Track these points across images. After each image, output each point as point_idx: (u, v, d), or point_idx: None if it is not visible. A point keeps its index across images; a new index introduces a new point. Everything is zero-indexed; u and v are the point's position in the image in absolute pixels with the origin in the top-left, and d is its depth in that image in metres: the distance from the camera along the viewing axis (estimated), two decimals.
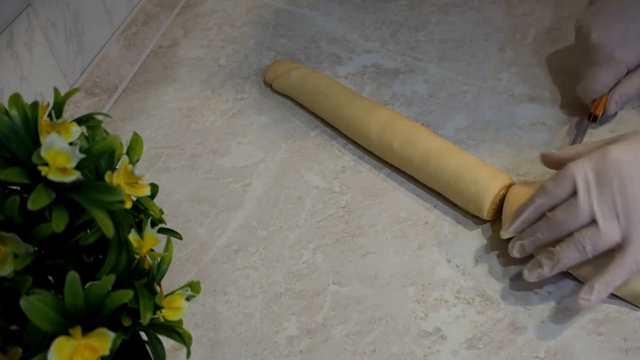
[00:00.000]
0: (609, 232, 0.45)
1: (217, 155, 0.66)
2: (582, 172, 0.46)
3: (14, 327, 0.32)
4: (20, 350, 0.30)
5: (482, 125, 0.66)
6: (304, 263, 0.55)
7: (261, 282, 0.54)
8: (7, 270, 0.29)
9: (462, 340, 0.48)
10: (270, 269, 0.55)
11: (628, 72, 0.60)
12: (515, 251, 0.51)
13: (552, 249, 0.47)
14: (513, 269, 0.53)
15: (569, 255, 0.47)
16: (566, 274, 0.52)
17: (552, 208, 0.48)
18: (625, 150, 0.46)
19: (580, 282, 0.51)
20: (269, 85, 0.74)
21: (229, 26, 0.84)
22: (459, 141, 0.64)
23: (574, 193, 0.46)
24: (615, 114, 0.64)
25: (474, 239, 0.56)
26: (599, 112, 0.61)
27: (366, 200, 0.60)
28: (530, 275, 0.49)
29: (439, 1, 0.84)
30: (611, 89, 0.61)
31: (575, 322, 0.49)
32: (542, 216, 0.49)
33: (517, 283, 0.52)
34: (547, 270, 0.48)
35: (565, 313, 0.49)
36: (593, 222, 0.46)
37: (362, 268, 0.54)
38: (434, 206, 0.59)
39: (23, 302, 0.27)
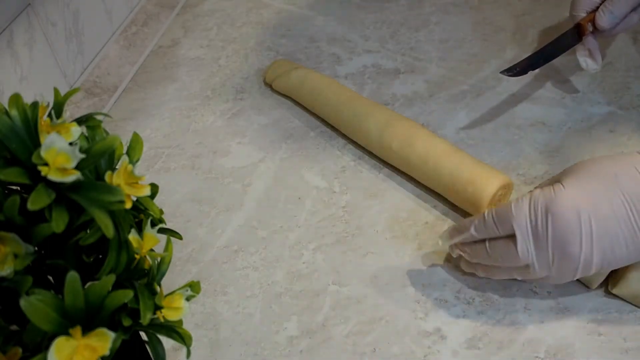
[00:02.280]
0: (539, 275, 0.46)
1: (217, 155, 0.66)
2: (523, 222, 0.45)
3: (14, 327, 0.32)
4: (20, 350, 0.30)
5: (482, 125, 0.66)
6: (304, 263, 0.55)
7: (261, 282, 0.54)
8: (7, 270, 0.29)
9: (462, 340, 0.48)
10: (270, 269, 0.55)
11: None
12: (455, 254, 0.52)
13: (488, 265, 0.49)
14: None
15: (501, 276, 0.49)
16: None
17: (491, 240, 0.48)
18: (568, 204, 0.43)
19: (581, 283, 0.51)
20: (269, 85, 0.74)
21: (229, 26, 0.84)
22: (459, 141, 0.64)
23: (513, 235, 0.45)
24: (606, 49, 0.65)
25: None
26: (585, 22, 0.60)
27: (366, 200, 0.60)
28: (465, 268, 0.52)
29: (439, 1, 0.84)
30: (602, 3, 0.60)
31: (575, 322, 0.49)
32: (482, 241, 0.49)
33: (517, 283, 0.52)
34: (480, 274, 0.51)
35: (565, 313, 0.49)
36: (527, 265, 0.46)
37: (362, 268, 0.54)
38: (434, 206, 0.59)
39: (23, 302, 0.27)
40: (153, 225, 0.35)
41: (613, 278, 0.50)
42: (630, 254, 0.43)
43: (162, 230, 0.37)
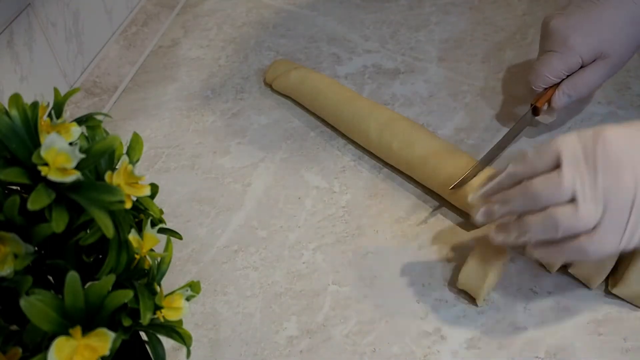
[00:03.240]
0: (585, 216, 0.41)
1: (217, 155, 0.66)
2: (570, 147, 0.42)
3: (14, 327, 0.32)
4: (20, 350, 0.30)
5: (482, 125, 0.66)
6: (304, 263, 0.55)
7: (261, 282, 0.54)
8: (7, 270, 0.29)
9: (462, 340, 0.48)
10: (270, 269, 0.55)
11: (581, 67, 0.58)
12: (479, 215, 0.47)
13: (524, 218, 0.44)
14: (513, 269, 0.53)
15: (539, 230, 0.43)
16: (566, 274, 0.52)
17: (529, 178, 0.44)
18: (620, 134, 0.42)
19: (581, 283, 0.51)
20: (269, 85, 0.74)
21: (229, 26, 0.84)
22: (459, 141, 0.64)
23: (557, 167, 0.42)
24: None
25: (474, 238, 0.56)
26: (541, 105, 0.59)
27: (366, 200, 0.60)
28: (496, 236, 0.46)
29: (439, 1, 0.84)
30: (559, 84, 0.59)
31: (575, 322, 0.49)
32: (517, 184, 0.45)
33: (518, 283, 0.52)
34: (512, 238, 0.45)
35: (565, 313, 0.49)
36: (571, 201, 0.41)
37: (362, 268, 0.54)
38: (434, 206, 0.59)
39: (23, 302, 0.27)
40: (153, 225, 0.35)
41: (613, 278, 0.50)
42: None
43: (162, 230, 0.37)
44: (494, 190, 0.47)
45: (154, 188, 0.38)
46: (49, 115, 0.34)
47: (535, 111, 0.60)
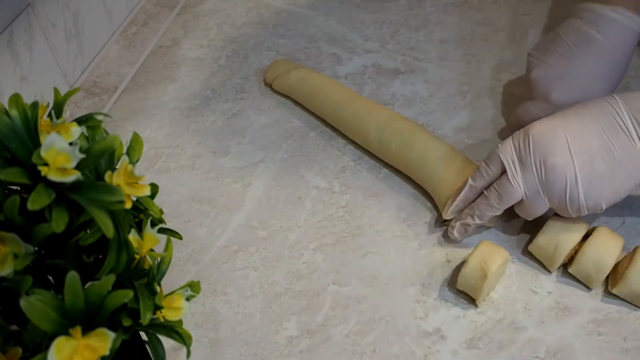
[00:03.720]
0: (534, 205, 0.50)
1: (217, 155, 0.66)
2: (508, 150, 0.50)
3: (14, 327, 0.32)
4: (20, 350, 0.30)
5: (482, 125, 0.66)
6: (304, 263, 0.55)
7: (261, 282, 0.54)
8: (7, 270, 0.29)
9: (462, 340, 0.48)
10: (270, 269, 0.55)
11: None
12: (455, 231, 0.54)
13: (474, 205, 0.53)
14: (513, 269, 0.53)
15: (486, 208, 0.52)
16: (566, 274, 0.52)
17: (487, 188, 0.53)
18: (544, 126, 0.50)
19: (581, 283, 0.51)
20: (269, 85, 0.74)
21: (229, 26, 0.84)
22: (459, 141, 0.64)
23: (504, 171, 0.50)
24: None
25: (473, 238, 0.56)
26: None
27: (366, 200, 0.60)
28: (457, 235, 0.54)
29: (439, 1, 0.84)
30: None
31: (575, 322, 0.49)
32: (478, 195, 0.53)
33: (517, 283, 0.52)
34: (470, 228, 0.53)
35: (565, 313, 0.50)
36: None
37: (362, 268, 0.54)
38: (434, 206, 0.59)
39: (23, 302, 0.27)
40: (153, 225, 0.35)
41: (613, 278, 0.50)
42: (613, 172, 0.47)
43: (162, 230, 0.37)
44: (463, 205, 0.54)
45: (154, 188, 0.38)
46: (49, 115, 0.34)
47: None
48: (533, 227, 0.56)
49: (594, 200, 0.48)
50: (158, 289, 0.34)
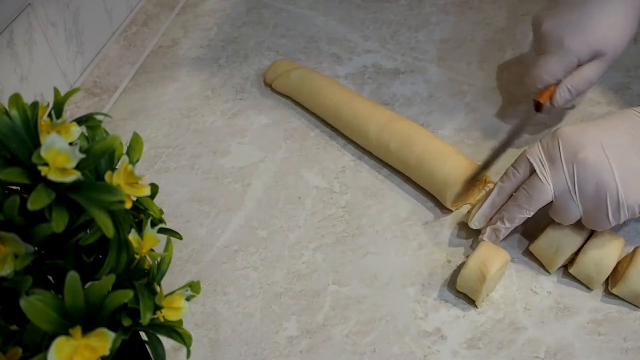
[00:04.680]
0: (565, 206, 0.48)
1: (217, 155, 0.66)
2: (535, 151, 0.50)
3: (14, 327, 0.32)
4: (20, 350, 0.30)
5: (482, 125, 0.66)
6: (304, 263, 0.55)
7: (261, 282, 0.54)
8: (7, 270, 0.29)
9: (462, 340, 0.48)
10: (270, 269, 0.55)
11: (579, 65, 0.58)
12: (486, 237, 0.53)
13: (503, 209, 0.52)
14: (513, 269, 0.53)
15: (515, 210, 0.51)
16: (566, 274, 0.52)
17: (515, 190, 0.52)
18: (572, 126, 0.49)
19: (581, 283, 0.51)
20: (269, 85, 0.74)
21: (229, 26, 0.84)
22: (459, 141, 0.64)
23: (532, 172, 0.50)
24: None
25: (473, 239, 0.56)
26: (544, 100, 0.59)
27: (366, 200, 0.60)
28: (490, 238, 0.53)
29: (439, 1, 0.84)
30: (560, 81, 0.59)
31: (575, 322, 0.49)
32: (507, 199, 0.52)
33: (517, 283, 0.52)
34: (502, 232, 0.52)
35: (565, 313, 0.50)
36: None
37: (362, 268, 0.54)
38: (434, 206, 0.59)
39: (23, 302, 0.27)
40: (153, 225, 0.35)
41: (613, 278, 0.50)
42: None
43: (162, 230, 0.37)
44: (490, 211, 0.53)
45: (154, 188, 0.38)
46: (49, 115, 0.34)
47: (538, 107, 0.59)
48: (535, 227, 0.56)
49: (633, 197, 0.46)
50: (158, 289, 0.34)
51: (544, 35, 0.58)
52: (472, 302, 0.51)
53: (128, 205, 0.31)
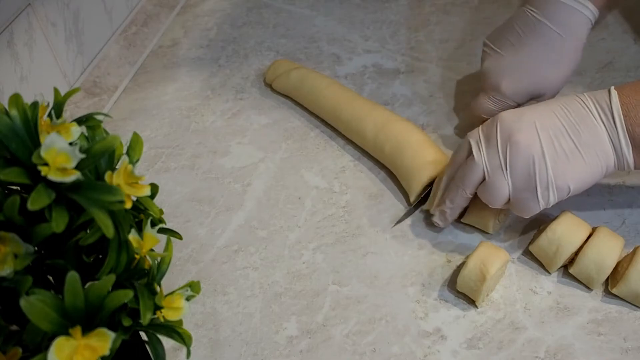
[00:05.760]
0: (495, 184, 0.49)
1: (217, 155, 0.66)
2: (474, 135, 0.51)
3: (14, 327, 0.32)
4: (20, 350, 0.30)
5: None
6: (304, 263, 0.55)
7: (261, 282, 0.54)
8: (7, 270, 0.29)
9: (462, 340, 0.48)
10: (270, 269, 0.55)
11: (519, 105, 0.59)
12: (437, 219, 0.55)
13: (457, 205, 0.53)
14: (513, 269, 0.53)
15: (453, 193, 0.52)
16: (566, 274, 0.52)
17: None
18: (512, 111, 0.50)
19: (581, 283, 0.51)
20: (269, 85, 0.74)
21: (229, 26, 0.84)
22: (459, 141, 0.64)
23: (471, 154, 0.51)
24: None
25: (474, 239, 0.56)
26: None
27: (366, 200, 0.60)
28: (439, 222, 0.55)
29: (439, 1, 0.84)
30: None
31: (575, 322, 0.49)
32: None
33: (517, 283, 0.52)
34: (448, 215, 0.54)
35: (565, 313, 0.50)
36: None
37: (362, 268, 0.54)
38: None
39: (23, 302, 0.27)
40: (153, 225, 0.35)
41: (613, 278, 0.50)
42: (580, 151, 0.47)
43: (162, 230, 0.37)
44: (441, 195, 0.54)
45: (154, 188, 0.38)
46: (49, 115, 0.34)
47: None
48: (535, 227, 0.56)
49: (562, 178, 0.47)
50: (158, 289, 0.34)
51: (484, 73, 0.61)
52: (472, 302, 0.51)
53: (128, 205, 0.31)
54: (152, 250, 0.35)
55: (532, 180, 0.47)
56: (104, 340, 0.28)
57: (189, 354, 0.35)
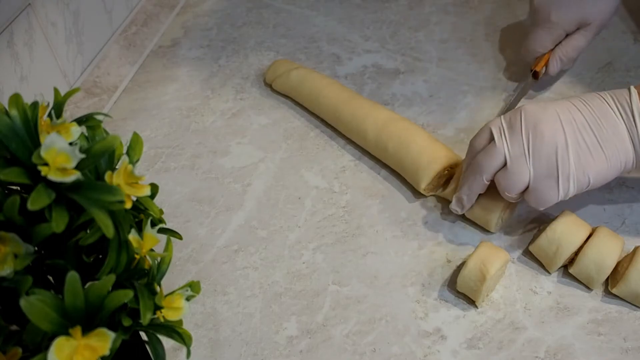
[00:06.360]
0: (517, 170, 0.49)
1: (217, 155, 0.66)
2: (497, 123, 0.51)
3: (14, 327, 0.32)
4: (20, 350, 0.30)
5: (482, 125, 0.66)
6: (304, 263, 0.55)
7: (261, 282, 0.54)
8: (7, 270, 0.29)
9: (462, 340, 0.48)
10: (270, 269, 0.55)
11: (568, 35, 0.65)
12: (454, 205, 0.55)
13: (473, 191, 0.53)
14: (513, 269, 0.53)
15: (470, 180, 0.53)
16: (566, 274, 0.52)
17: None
18: (536, 104, 0.51)
19: (581, 283, 0.51)
20: (269, 85, 0.74)
21: (229, 26, 0.84)
22: (459, 141, 0.64)
23: (492, 141, 0.51)
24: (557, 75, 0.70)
25: (474, 239, 0.56)
26: (540, 69, 0.66)
27: (366, 200, 0.60)
28: (456, 208, 0.55)
29: (439, 1, 0.84)
30: (553, 49, 0.66)
31: (575, 322, 0.49)
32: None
33: (517, 283, 0.52)
34: (465, 201, 0.54)
35: (565, 313, 0.50)
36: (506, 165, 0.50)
37: (362, 268, 0.54)
38: (434, 206, 0.59)
39: (23, 302, 0.27)
40: (153, 225, 0.35)
41: (613, 278, 0.50)
42: (602, 146, 0.48)
43: (162, 230, 0.37)
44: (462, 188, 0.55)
45: (154, 188, 0.38)
46: (49, 115, 0.34)
47: (535, 75, 0.67)
48: (535, 227, 0.56)
49: (583, 170, 0.48)
50: (158, 289, 0.34)
51: (534, 9, 0.65)
52: (472, 302, 0.51)
53: (128, 205, 0.31)
54: (152, 250, 0.35)
55: (554, 169, 0.48)
56: (104, 340, 0.28)
57: (189, 354, 0.35)
